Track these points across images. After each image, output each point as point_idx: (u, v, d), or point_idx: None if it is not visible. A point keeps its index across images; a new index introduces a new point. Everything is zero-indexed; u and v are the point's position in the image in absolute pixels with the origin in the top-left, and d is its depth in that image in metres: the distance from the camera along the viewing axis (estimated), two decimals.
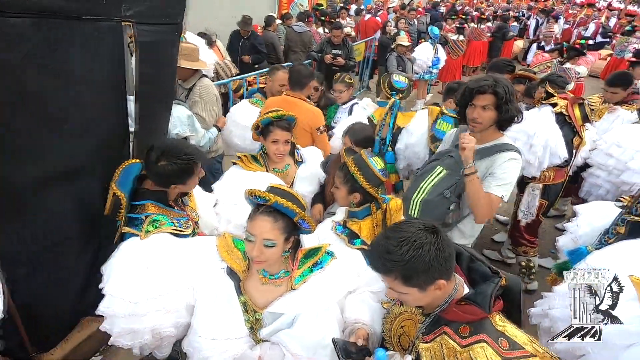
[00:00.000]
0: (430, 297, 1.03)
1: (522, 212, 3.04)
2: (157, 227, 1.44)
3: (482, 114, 1.81)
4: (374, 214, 1.68)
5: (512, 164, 1.80)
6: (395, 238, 0.98)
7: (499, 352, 0.94)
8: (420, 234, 0.97)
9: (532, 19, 11.86)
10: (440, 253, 0.96)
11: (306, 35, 6.37)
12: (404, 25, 7.49)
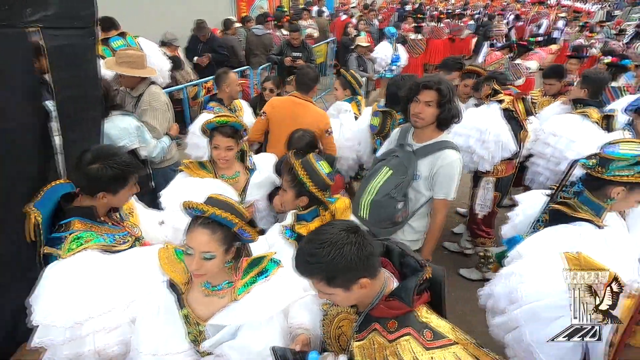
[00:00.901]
0: (357, 295, 1.04)
1: (479, 206, 3.16)
2: (81, 245, 1.37)
3: (425, 110, 1.87)
4: (322, 216, 1.70)
5: (453, 165, 1.91)
6: (317, 241, 1.00)
7: (423, 343, 0.97)
8: (341, 235, 0.99)
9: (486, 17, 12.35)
10: (361, 252, 0.98)
11: (266, 37, 6.34)
12: (364, 26, 7.62)
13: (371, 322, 1.07)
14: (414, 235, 2.15)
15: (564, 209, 1.62)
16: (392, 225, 2.03)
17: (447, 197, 1.98)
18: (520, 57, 5.95)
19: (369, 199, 1.96)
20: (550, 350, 1.27)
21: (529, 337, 1.32)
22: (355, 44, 5.99)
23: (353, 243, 0.98)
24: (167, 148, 2.83)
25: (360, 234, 1.02)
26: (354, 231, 1.01)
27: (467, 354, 0.96)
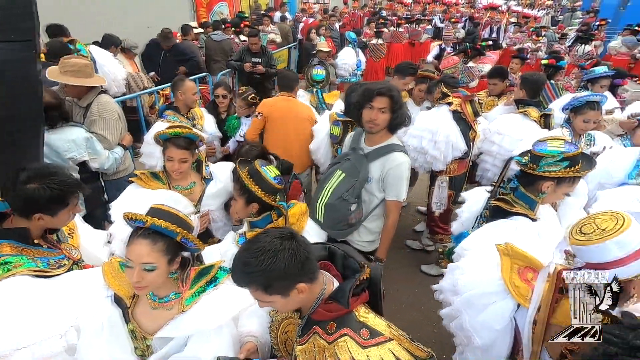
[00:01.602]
0: (296, 301, 1.06)
1: (435, 204, 3.30)
2: (8, 270, 1.28)
3: (379, 116, 1.93)
4: (275, 222, 1.72)
5: (405, 167, 2.00)
6: (251, 250, 1.00)
7: (359, 342, 1.00)
8: (274, 243, 1.00)
9: (444, 22, 12.88)
10: (295, 258, 0.99)
11: (226, 43, 6.28)
12: (324, 31, 7.74)
13: (312, 325, 1.09)
14: (370, 236, 2.21)
15: (502, 204, 1.74)
16: (347, 227, 2.08)
17: (398, 198, 2.05)
18: (473, 61, 6.26)
19: (323, 202, 2.00)
20: (485, 333, 1.36)
21: (468, 324, 1.40)
22: (317, 49, 6.07)
23: (287, 249, 0.99)
24: (121, 159, 2.75)
25: (294, 240, 1.02)
26: (288, 238, 1.02)
27: (402, 349, 1.00)
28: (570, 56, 8.34)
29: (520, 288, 1.30)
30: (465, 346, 1.47)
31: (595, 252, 1.10)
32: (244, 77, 5.04)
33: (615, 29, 9.84)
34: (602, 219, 1.14)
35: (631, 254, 1.06)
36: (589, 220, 1.17)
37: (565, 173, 1.63)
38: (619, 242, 1.07)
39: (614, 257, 1.07)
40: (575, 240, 1.13)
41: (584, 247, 1.11)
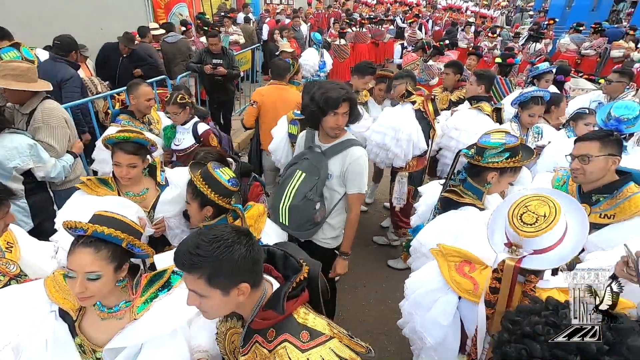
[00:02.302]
0: (234, 303, 1.01)
1: (396, 199, 3.38)
2: None
3: (343, 120, 1.97)
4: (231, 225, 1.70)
5: (363, 160, 2.04)
6: (207, 234, 0.96)
7: (299, 346, 0.98)
8: (233, 234, 0.97)
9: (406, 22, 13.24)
10: (249, 254, 0.96)
11: (182, 43, 6.11)
12: (287, 33, 7.72)
13: (253, 334, 1.06)
14: (334, 232, 2.23)
15: (452, 196, 1.81)
16: (313, 226, 2.09)
17: (360, 190, 2.08)
18: (433, 59, 6.47)
19: (287, 204, 2.00)
20: (435, 331, 1.39)
21: (419, 325, 1.43)
22: (280, 49, 6.06)
23: (243, 244, 0.96)
24: (70, 167, 2.62)
25: (251, 239, 1.00)
26: (245, 234, 1.00)
27: (342, 346, 1.00)
28: (523, 54, 8.81)
29: (462, 283, 1.33)
30: (421, 349, 1.50)
31: (546, 239, 1.13)
32: (206, 79, 4.94)
33: (562, 27, 10.48)
34: (534, 205, 1.17)
35: (562, 236, 1.14)
36: (522, 208, 1.18)
37: (507, 163, 1.73)
38: (559, 225, 1.13)
39: (557, 239, 1.14)
40: (525, 233, 1.14)
41: (537, 237, 1.13)
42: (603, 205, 1.89)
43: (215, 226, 1.01)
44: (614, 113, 2.45)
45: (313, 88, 2.03)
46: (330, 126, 1.97)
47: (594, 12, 10.98)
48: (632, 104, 2.48)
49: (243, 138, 6.05)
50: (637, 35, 8.73)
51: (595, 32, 8.97)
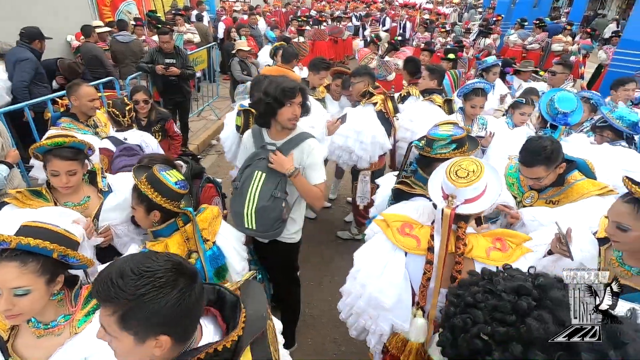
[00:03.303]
0: (147, 355, 0.84)
1: (359, 198, 3.43)
2: None
3: (298, 111, 1.97)
4: (182, 228, 1.64)
5: (317, 150, 2.04)
6: (140, 264, 0.81)
7: None
8: (170, 274, 0.82)
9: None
10: (181, 303, 0.81)
11: (135, 44, 5.84)
12: (245, 30, 7.59)
13: None
14: (296, 225, 2.22)
15: (403, 187, 1.85)
16: (281, 224, 2.07)
17: (322, 179, 2.08)
18: (389, 55, 6.62)
19: (252, 207, 1.95)
20: (391, 290, 1.46)
21: (375, 292, 1.48)
22: (236, 48, 5.94)
23: (178, 289, 0.81)
24: (6, 178, 2.41)
25: (192, 283, 0.84)
26: (188, 276, 0.84)
27: None
28: (474, 49, 9.22)
29: (406, 241, 1.47)
30: (377, 318, 1.54)
31: (474, 189, 1.37)
32: (159, 80, 4.72)
33: (508, 23, 11.08)
34: (466, 163, 1.43)
35: (485, 188, 1.40)
36: (456, 166, 1.43)
37: (454, 154, 1.78)
38: (484, 179, 1.38)
39: (482, 190, 1.39)
40: (460, 184, 1.38)
41: (469, 187, 1.37)
42: (549, 192, 2.03)
43: (157, 255, 0.86)
44: (560, 108, 2.61)
45: (264, 83, 2.01)
46: (287, 117, 1.95)
47: (536, 8, 11.70)
48: (570, 97, 2.66)
49: (203, 140, 5.89)
50: (573, 29, 9.40)
51: (537, 27, 9.57)
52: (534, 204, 2.08)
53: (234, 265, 1.76)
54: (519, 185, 2.16)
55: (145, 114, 3.46)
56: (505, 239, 1.45)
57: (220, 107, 7.13)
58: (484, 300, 0.81)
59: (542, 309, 0.73)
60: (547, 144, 1.88)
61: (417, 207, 1.75)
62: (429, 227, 1.49)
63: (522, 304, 0.75)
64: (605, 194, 1.90)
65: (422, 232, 1.48)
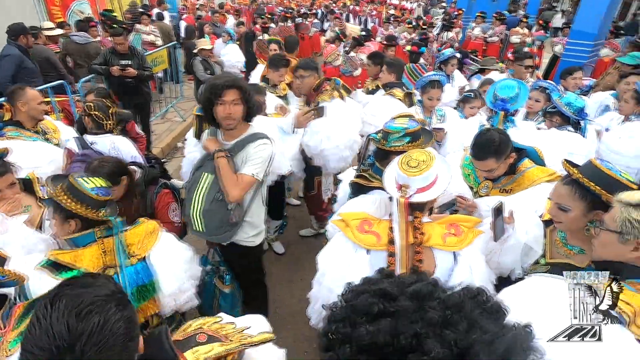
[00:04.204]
0: None
1: (324, 191, 3.42)
2: None
3: (234, 109, 1.87)
4: (100, 240, 1.50)
5: (261, 148, 1.95)
6: (73, 306, 0.74)
7: None
8: (109, 305, 0.77)
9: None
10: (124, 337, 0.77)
11: (92, 46, 5.57)
12: (208, 28, 7.41)
13: None
14: (255, 229, 2.17)
15: (360, 181, 1.86)
16: (230, 227, 2.00)
17: (248, 172, 1.90)
18: (353, 50, 6.65)
19: (199, 210, 1.89)
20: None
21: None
22: (198, 47, 5.78)
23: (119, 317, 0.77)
24: None
25: (127, 305, 0.81)
26: (118, 299, 0.80)
27: None
28: (437, 42, 9.44)
29: (366, 239, 1.48)
30: None
31: (426, 178, 1.42)
32: (115, 82, 4.52)
33: (469, 17, 11.40)
34: (416, 154, 1.49)
35: (436, 177, 1.44)
36: (408, 157, 1.48)
37: (408, 147, 1.80)
38: (434, 168, 1.43)
39: (433, 179, 1.43)
40: (412, 173, 1.43)
41: (420, 176, 1.42)
42: (503, 181, 2.09)
43: (83, 283, 0.79)
44: (499, 95, 2.71)
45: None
46: (221, 116, 1.88)
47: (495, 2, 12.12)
48: (511, 84, 2.76)
49: (167, 142, 5.70)
50: (529, 21, 9.81)
51: (497, 20, 9.92)
52: (489, 193, 2.14)
53: (165, 286, 1.58)
54: (474, 176, 2.22)
55: (112, 123, 3.30)
56: (458, 224, 1.51)
57: (185, 108, 6.93)
58: (351, 298, 0.70)
59: (387, 316, 0.61)
60: (495, 137, 1.92)
61: (373, 200, 1.76)
62: (387, 221, 1.51)
63: (372, 308, 0.63)
64: (554, 179, 1.98)
65: (381, 227, 1.50)
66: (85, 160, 2.09)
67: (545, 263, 1.67)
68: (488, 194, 2.14)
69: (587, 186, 1.39)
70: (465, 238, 1.47)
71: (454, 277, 1.46)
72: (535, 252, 1.76)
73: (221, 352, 0.95)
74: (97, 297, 0.77)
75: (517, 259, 1.76)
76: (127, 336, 0.77)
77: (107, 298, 0.79)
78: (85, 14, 6.50)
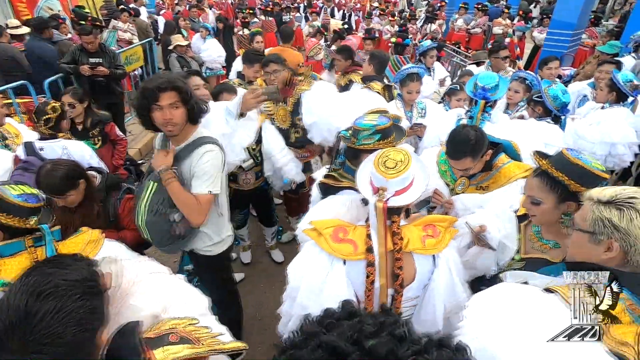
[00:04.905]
0: None
1: None
2: None
3: (174, 113, 1.69)
4: (30, 249, 1.39)
5: (207, 157, 1.77)
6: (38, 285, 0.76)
7: None
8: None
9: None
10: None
11: (64, 45, 5.34)
12: (185, 23, 7.22)
13: None
14: (211, 240, 2.03)
15: (329, 181, 1.78)
16: (176, 239, 1.85)
17: (202, 191, 1.78)
18: (335, 44, 6.54)
19: (142, 220, 1.77)
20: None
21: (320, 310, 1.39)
22: (173, 43, 5.62)
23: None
24: None
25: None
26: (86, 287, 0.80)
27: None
28: (421, 34, 9.40)
29: (342, 249, 1.36)
30: None
31: (404, 179, 1.34)
32: (85, 82, 4.33)
33: (452, 8, 11.38)
34: (393, 154, 1.39)
35: (413, 178, 1.37)
36: (384, 157, 1.38)
37: (379, 145, 1.72)
38: (412, 168, 1.35)
39: (410, 180, 1.36)
40: (390, 175, 1.33)
41: (398, 178, 1.33)
42: (479, 177, 2.04)
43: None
44: (479, 83, 2.66)
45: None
46: (160, 122, 1.70)
47: None
48: (492, 75, 2.71)
49: (145, 143, 5.54)
50: (511, 12, 9.83)
51: (479, 11, 9.90)
52: (465, 190, 2.09)
53: None
54: (451, 172, 2.16)
55: (79, 119, 3.17)
56: (435, 224, 1.44)
57: None
58: (299, 344, 0.60)
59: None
60: (471, 135, 1.84)
61: (344, 202, 1.69)
62: (363, 227, 1.41)
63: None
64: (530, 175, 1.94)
65: (357, 234, 1.39)
66: (28, 168, 1.97)
67: (520, 259, 1.64)
68: (464, 191, 2.09)
69: (556, 177, 1.36)
70: (442, 239, 1.41)
71: (435, 280, 1.41)
72: (510, 249, 1.73)
73: (190, 355, 0.94)
74: (63, 281, 0.78)
75: (493, 259, 1.73)
76: (81, 327, 0.76)
77: (74, 284, 0.79)
78: (54, 10, 6.24)
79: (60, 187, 1.82)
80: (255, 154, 2.85)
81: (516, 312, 1.03)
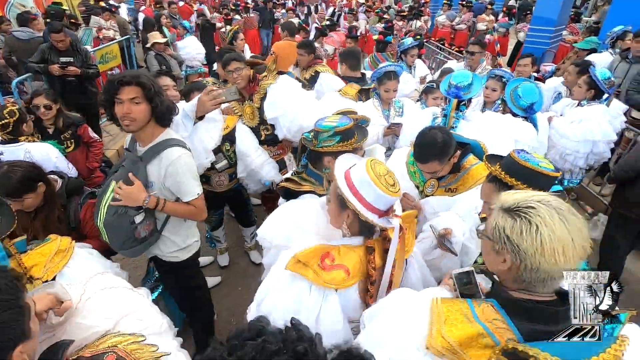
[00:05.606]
0: None
1: None
2: None
3: (133, 108, 1.64)
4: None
5: (182, 161, 1.74)
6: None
7: None
8: None
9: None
10: None
11: (36, 42, 5.16)
12: (166, 20, 7.06)
13: None
14: (176, 246, 1.97)
15: (289, 185, 1.74)
16: (137, 243, 1.79)
17: (192, 195, 1.81)
18: (317, 41, 6.48)
19: (102, 220, 1.70)
20: (335, 340, 1.25)
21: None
22: (151, 41, 5.49)
23: None
24: None
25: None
26: None
27: None
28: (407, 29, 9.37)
29: (334, 277, 1.23)
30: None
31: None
32: (56, 81, 4.20)
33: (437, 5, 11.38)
34: (380, 169, 1.28)
35: None
36: (383, 178, 1.26)
37: (340, 147, 1.68)
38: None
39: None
40: (396, 193, 1.26)
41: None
42: (448, 179, 2.01)
43: None
44: (452, 81, 2.64)
45: None
46: (118, 116, 1.65)
47: None
48: (467, 74, 2.70)
49: (122, 144, 5.41)
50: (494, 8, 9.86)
51: (464, 7, 9.92)
52: (435, 192, 2.07)
53: None
54: (420, 173, 2.14)
55: (50, 121, 3.06)
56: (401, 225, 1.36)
57: None
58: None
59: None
60: (437, 138, 1.79)
61: (308, 213, 1.59)
62: (349, 249, 1.29)
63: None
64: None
65: (348, 258, 1.26)
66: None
67: (482, 262, 1.63)
68: (433, 193, 2.07)
69: (506, 181, 1.35)
70: (410, 239, 1.39)
71: (406, 280, 1.41)
72: (473, 251, 1.72)
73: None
74: None
75: (457, 261, 1.71)
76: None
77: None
78: (27, 7, 6.04)
79: (17, 189, 1.75)
80: (230, 154, 2.79)
81: (401, 317, 1.04)
